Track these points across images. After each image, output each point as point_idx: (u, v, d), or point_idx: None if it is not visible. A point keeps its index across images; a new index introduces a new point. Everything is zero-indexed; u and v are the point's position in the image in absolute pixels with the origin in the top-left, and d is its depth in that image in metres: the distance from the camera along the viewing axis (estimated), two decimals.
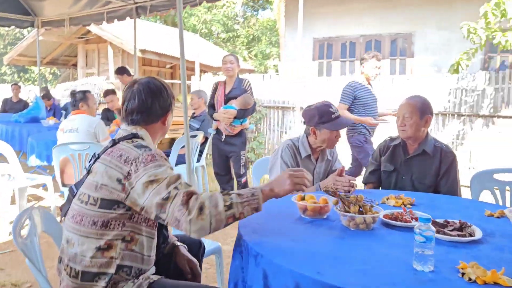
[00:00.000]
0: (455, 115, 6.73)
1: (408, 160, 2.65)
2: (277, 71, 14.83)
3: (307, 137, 2.68)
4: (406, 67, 8.72)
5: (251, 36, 22.61)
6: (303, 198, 1.95)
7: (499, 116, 6.44)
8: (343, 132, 2.98)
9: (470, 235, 1.58)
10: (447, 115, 6.84)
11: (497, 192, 2.66)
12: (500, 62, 7.82)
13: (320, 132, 2.58)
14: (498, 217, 1.90)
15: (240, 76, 4.44)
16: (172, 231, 2.03)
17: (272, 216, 1.81)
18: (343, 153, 4.04)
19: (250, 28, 23.21)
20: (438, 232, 1.62)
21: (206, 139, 5.11)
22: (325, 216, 1.87)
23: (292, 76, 9.18)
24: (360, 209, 1.73)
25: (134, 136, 1.66)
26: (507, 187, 2.65)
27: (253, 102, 4.24)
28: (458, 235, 1.58)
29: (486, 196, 2.67)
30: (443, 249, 1.46)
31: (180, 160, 4.59)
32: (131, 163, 1.51)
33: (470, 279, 1.23)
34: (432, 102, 2.68)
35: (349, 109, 4.36)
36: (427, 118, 2.60)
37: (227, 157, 4.45)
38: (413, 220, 1.77)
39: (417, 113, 2.58)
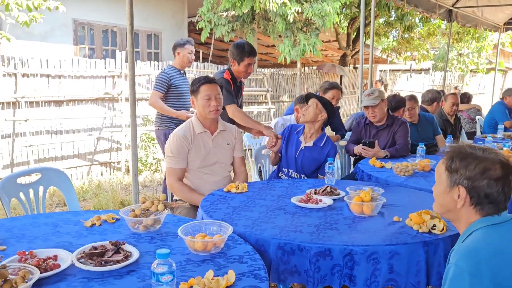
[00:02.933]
0: None
1: None
2: None
3: None
4: None
5: None
6: None
7: None
8: None
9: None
10: None
11: (23, 197, 2.43)
12: None
13: None
14: (100, 225, 1.84)
15: None
16: None
17: None
18: None
19: None
20: (100, 263, 1.42)
21: None
22: None
23: None
24: None
25: None
26: (31, 189, 2.49)
27: None
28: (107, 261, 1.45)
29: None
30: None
31: None
32: None
33: None
34: None
35: (163, 99, 4.10)
36: None
37: None
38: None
39: None
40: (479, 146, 1.42)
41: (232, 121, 3.31)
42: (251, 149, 4.59)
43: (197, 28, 8.77)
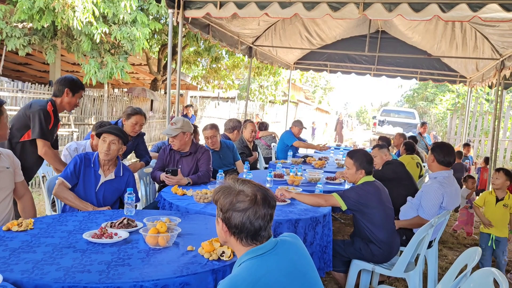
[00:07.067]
0: None
1: None
2: None
3: None
4: None
5: None
6: None
7: None
8: None
9: None
10: None
11: None
12: None
13: None
14: None
15: None
16: None
17: None
18: None
19: None
20: None
21: None
22: None
23: None
24: None
25: None
26: None
27: None
28: None
29: None
30: None
31: None
32: None
33: None
34: None
35: None
36: None
37: None
38: None
39: None
40: (243, 179, 1.52)
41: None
42: (44, 176, 4.16)
43: None
